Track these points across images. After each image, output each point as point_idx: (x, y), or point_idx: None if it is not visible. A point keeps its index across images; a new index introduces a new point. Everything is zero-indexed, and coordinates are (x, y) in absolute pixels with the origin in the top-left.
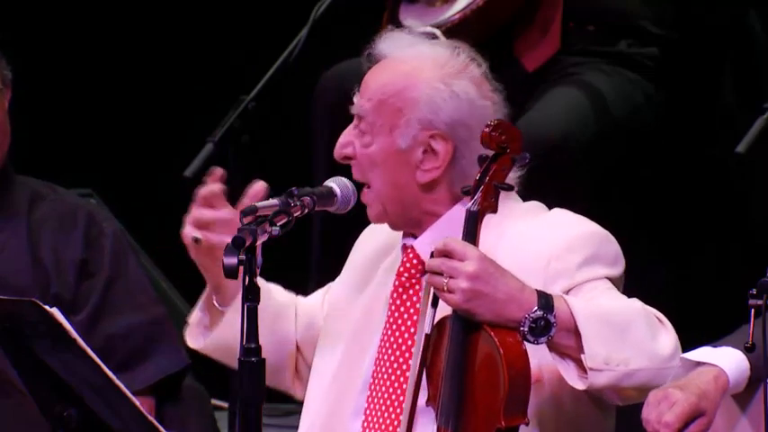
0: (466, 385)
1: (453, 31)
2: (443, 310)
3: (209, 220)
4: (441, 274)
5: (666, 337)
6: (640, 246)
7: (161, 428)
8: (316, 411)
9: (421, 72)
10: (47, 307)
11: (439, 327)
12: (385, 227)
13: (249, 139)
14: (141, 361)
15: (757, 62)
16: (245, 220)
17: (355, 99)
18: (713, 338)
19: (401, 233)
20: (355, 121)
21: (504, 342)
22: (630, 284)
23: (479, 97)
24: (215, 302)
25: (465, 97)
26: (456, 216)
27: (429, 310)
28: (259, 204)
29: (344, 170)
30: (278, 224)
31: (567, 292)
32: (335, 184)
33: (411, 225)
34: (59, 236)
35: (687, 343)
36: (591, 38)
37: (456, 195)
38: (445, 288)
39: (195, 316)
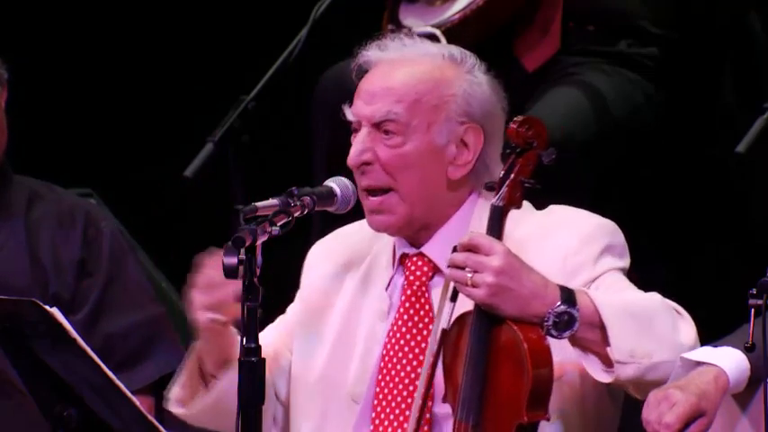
0: (487, 380)
1: (453, 31)
2: (461, 306)
3: (219, 303)
4: (463, 268)
5: (687, 327)
6: (640, 245)
7: (161, 428)
8: None
9: (445, 68)
10: (47, 307)
11: (458, 323)
12: (336, 244)
13: (249, 139)
14: (140, 360)
15: (757, 62)
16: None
17: (363, 108)
18: (713, 338)
19: (374, 244)
20: (370, 128)
21: (528, 337)
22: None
23: (496, 91)
24: (208, 374)
25: (488, 89)
26: (462, 220)
27: (447, 305)
28: (259, 204)
29: (344, 170)
30: (278, 224)
31: (589, 285)
32: (335, 184)
33: (419, 229)
34: (58, 235)
35: None
36: (591, 38)
37: (464, 197)
38: (469, 282)
39: (177, 392)
